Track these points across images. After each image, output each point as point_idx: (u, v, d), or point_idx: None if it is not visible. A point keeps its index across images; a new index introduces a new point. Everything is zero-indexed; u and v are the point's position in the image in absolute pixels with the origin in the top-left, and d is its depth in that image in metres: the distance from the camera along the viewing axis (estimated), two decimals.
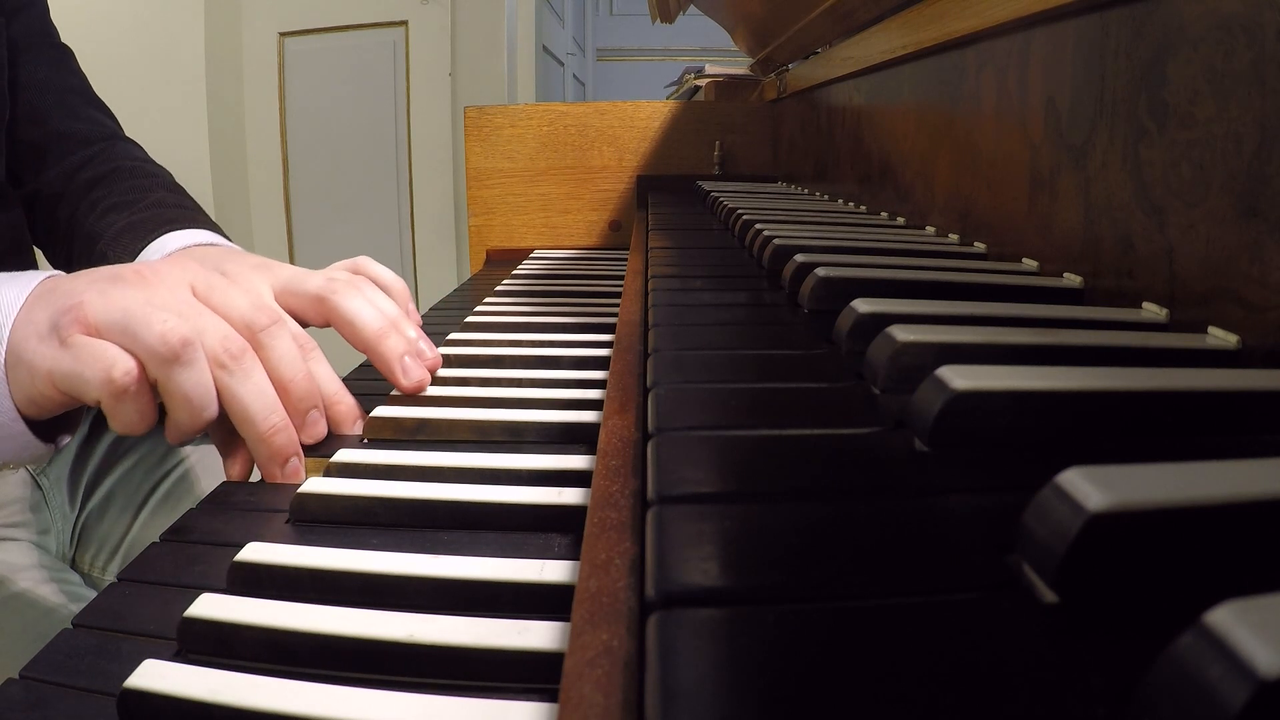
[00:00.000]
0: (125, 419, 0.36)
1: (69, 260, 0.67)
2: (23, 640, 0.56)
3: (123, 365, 0.35)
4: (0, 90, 0.64)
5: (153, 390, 0.36)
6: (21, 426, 0.37)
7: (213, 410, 0.37)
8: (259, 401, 0.37)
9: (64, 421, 0.40)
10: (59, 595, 0.60)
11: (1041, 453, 0.22)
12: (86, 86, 0.74)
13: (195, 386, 0.36)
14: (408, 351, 0.44)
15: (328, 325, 0.44)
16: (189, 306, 0.38)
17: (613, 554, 0.20)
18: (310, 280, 0.44)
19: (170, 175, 0.72)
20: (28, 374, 0.36)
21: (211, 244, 0.56)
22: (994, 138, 0.51)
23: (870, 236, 0.57)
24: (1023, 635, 0.15)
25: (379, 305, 0.45)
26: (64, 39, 0.74)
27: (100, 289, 0.36)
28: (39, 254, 0.71)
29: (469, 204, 1.20)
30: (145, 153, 0.74)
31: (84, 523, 0.71)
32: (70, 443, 0.69)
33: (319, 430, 0.40)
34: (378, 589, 0.26)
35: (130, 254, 0.57)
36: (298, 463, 0.38)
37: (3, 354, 0.36)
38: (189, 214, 0.62)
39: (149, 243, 0.57)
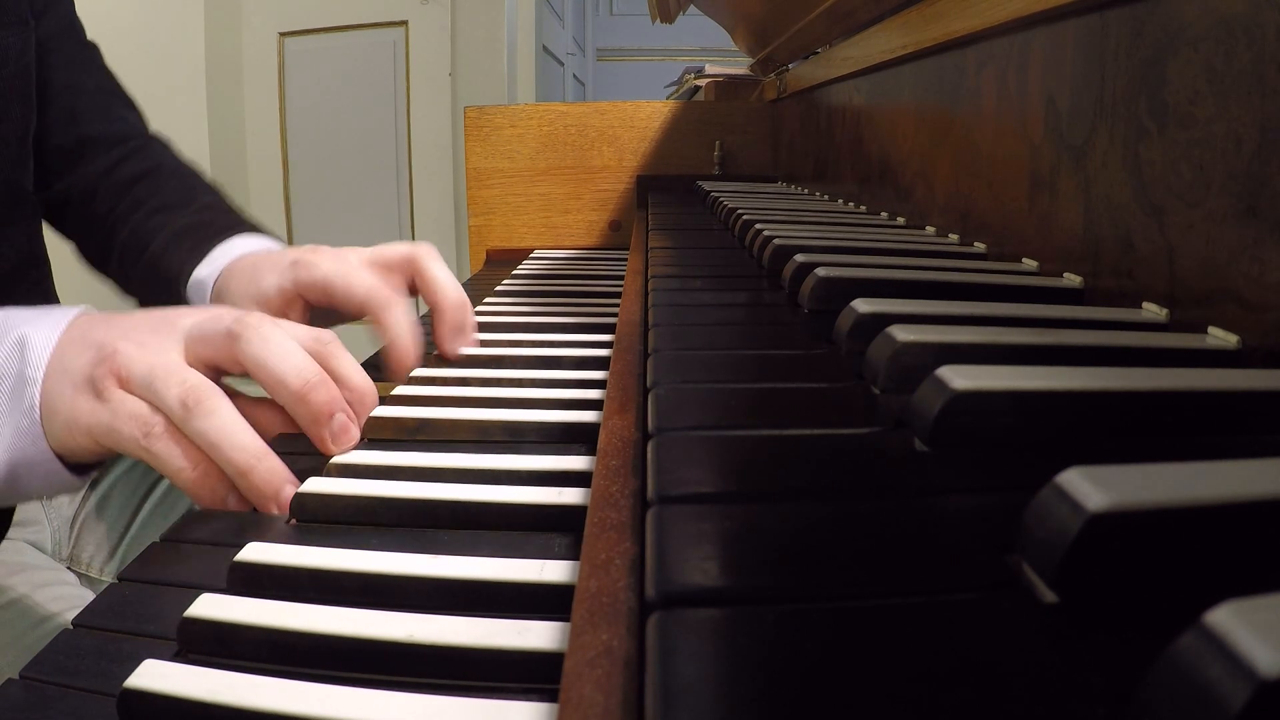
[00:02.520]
0: (165, 468, 0.36)
1: (108, 253, 0.67)
2: (18, 642, 0.56)
3: (157, 428, 0.35)
4: (29, 95, 0.64)
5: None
6: (58, 465, 0.37)
7: (245, 443, 0.35)
8: (290, 359, 0.37)
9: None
10: (55, 595, 0.60)
11: (1041, 453, 0.22)
12: (117, 85, 0.74)
13: (217, 430, 0.35)
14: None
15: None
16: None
17: (613, 554, 0.20)
18: (220, 321, 0.39)
19: (205, 174, 0.72)
20: (65, 425, 0.36)
21: (270, 250, 0.58)
22: (994, 138, 0.51)
23: (870, 236, 0.57)
24: (1023, 635, 0.15)
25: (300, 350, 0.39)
26: None
27: (137, 340, 0.37)
28: (53, 265, 0.71)
29: (469, 204, 1.20)
30: (176, 149, 0.74)
31: (82, 522, 0.71)
32: None
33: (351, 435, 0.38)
34: (378, 589, 0.26)
35: (196, 255, 0.58)
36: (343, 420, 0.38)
37: (37, 399, 0.36)
38: (240, 218, 0.63)
39: (216, 245, 0.58)
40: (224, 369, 0.38)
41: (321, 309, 0.51)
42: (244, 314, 0.38)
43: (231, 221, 0.62)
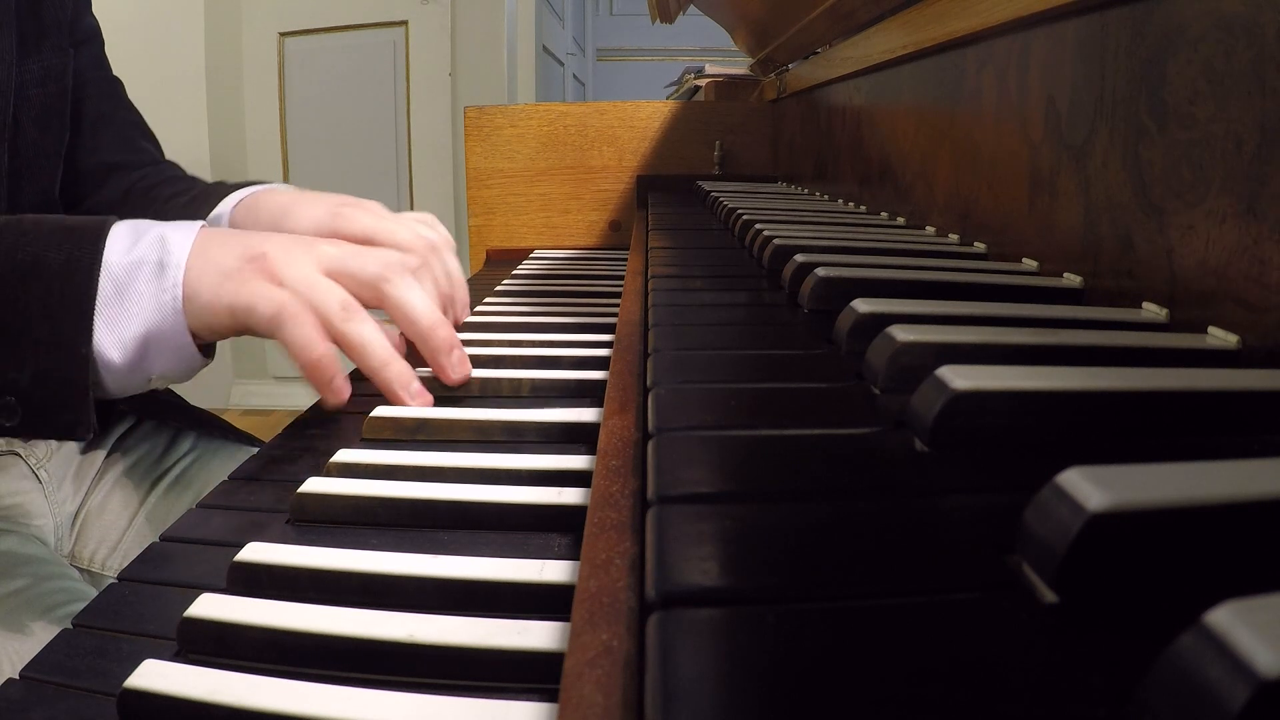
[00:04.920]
0: (293, 340, 0.42)
1: None
2: (20, 635, 0.56)
3: (289, 305, 0.41)
4: (65, 114, 0.70)
5: (315, 319, 0.42)
6: (188, 339, 0.43)
7: (386, 345, 0.44)
8: (423, 304, 0.47)
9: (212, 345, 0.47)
10: (59, 588, 0.60)
11: (1041, 453, 0.22)
12: (139, 117, 0.81)
13: (370, 334, 0.44)
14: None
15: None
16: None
17: (613, 554, 0.20)
18: (368, 265, 0.47)
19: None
20: (208, 305, 0.42)
21: (292, 190, 0.66)
22: (994, 138, 0.51)
23: (870, 236, 0.57)
24: (1023, 635, 0.15)
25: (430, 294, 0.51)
26: None
27: (283, 248, 0.44)
28: None
29: (469, 204, 1.20)
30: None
31: (84, 517, 0.72)
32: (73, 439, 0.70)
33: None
34: (378, 589, 0.26)
35: (210, 206, 0.64)
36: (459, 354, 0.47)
37: (180, 279, 0.42)
38: (241, 184, 0.70)
39: (227, 195, 0.65)
40: (362, 301, 0.45)
41: None
42: (388, 261, 0.47)
43: (228, 191, 0.68)
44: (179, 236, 0.43)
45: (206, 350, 0.45)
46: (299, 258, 0.44)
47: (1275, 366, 0.28)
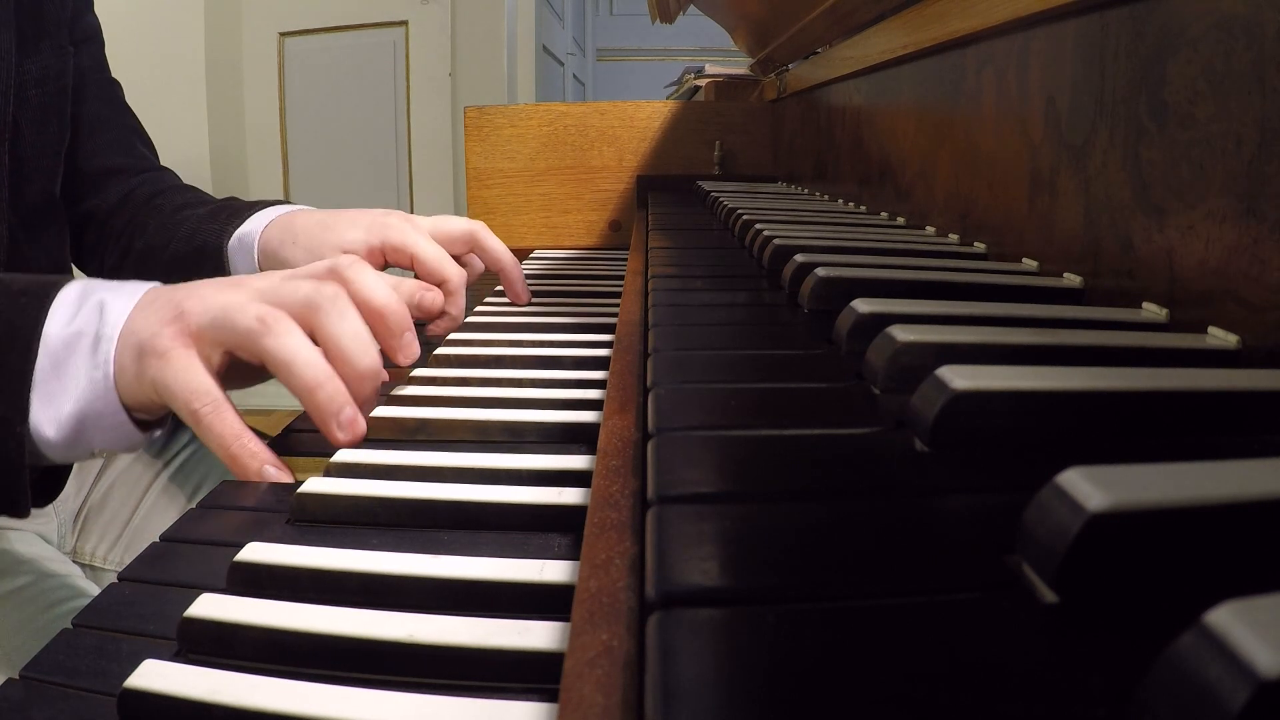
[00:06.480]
0: (208, 437, 0.38)
1: (122, 261, 0.71)
2: (22, 632, 0.56)
3: (204, 396, 0.38)
4: (64, 114, 0.69)
5: (233, 409, 0.39)
6: (125, 418, 0.40)
7: (319, 364, 0.39)
8: (356, 342, 0.40)
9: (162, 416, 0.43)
10: (62, 584, 0.60)
11: (1041, 453, 0.22)
12: (136, 122, 0.80)
13: (292, 349, 0.38)
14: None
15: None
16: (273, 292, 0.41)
17: (613, 554, 0.20)
18: (300, 289, 0.42)
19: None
20: (134, 380, 0.39)
21: (302, 209, 0.65)
22: (994, 138, 0.51)
23: (870, 236, 0.57)
24: (1023, 635, 0.15)
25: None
26: None
27: (199, 296, 0.40)
28: (76, 272, 0.74)
29: (469, 204, 1.20)
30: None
31: (86, 513, 0.72)
32: None
33: (413, 350, 0.44)
34: (378, 589, 0.26)
35: (235, 222, 0.64)
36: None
37: (111, 355, 0.39)
38: (267, 203, 0.68)
39: (254, 212, 0.64)
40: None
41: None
42: (324, 280, 0.41)
43: (259, 203, 0.67)
44: (118, 304, 0.40)
45: (152, 425, 0.42)
46: (218, 296, 0.40)
47: (1275, 366, 0.28)
